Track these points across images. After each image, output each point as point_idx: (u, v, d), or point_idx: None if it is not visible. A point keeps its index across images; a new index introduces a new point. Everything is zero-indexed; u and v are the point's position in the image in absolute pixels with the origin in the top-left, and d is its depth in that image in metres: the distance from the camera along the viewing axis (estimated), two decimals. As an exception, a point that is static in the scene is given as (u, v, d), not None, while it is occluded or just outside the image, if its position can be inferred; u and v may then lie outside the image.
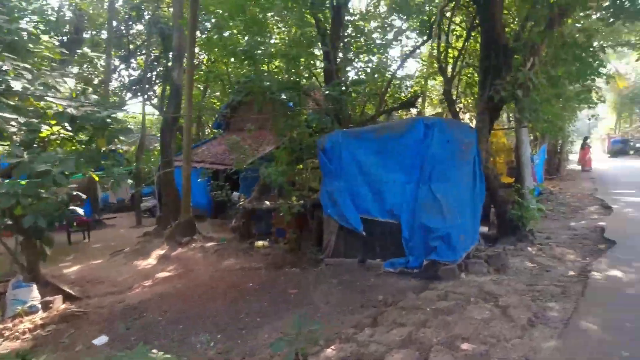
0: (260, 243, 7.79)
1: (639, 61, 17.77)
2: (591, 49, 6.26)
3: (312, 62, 7.74)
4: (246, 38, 7.34)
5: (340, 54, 7.76)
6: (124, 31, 16.19)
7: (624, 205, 8.73)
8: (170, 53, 11.08)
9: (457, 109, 7.12)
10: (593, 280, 4.22)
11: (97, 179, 5.63)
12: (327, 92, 6.19)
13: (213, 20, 7.96)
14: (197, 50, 10.71)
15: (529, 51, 5.04)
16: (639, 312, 3.44)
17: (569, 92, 6.88)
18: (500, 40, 5.23)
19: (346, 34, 7.27)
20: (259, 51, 6.46)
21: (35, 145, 4.51)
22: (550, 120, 10.13)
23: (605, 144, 34.26)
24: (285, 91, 6.23)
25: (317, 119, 6.51)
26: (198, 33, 9.25)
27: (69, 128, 4.33)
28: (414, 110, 12.84)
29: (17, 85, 3.92)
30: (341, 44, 6.96)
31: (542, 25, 4.96)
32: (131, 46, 16.62)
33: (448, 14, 7.40)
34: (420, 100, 12.88)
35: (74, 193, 5.04)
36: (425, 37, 7.32)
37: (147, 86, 16.07)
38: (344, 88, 6.55)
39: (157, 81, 16.80)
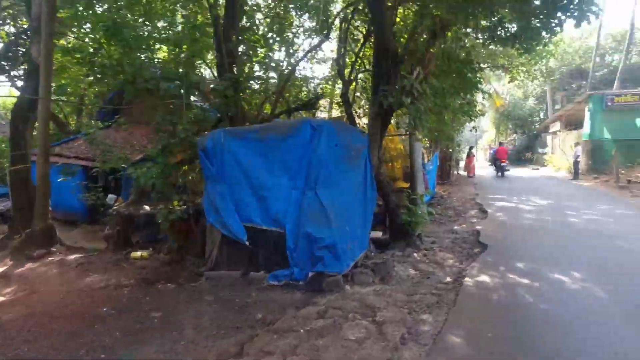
0: (138, 254, 6.71)
1: (511, 83, 20.58)
2: (471, 66, 6.73)
3: (203, 51, 6.98)
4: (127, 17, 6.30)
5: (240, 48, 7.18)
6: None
7: (496, 209, 9.74)
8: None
9: (355, 113, 7.11)
10: (465, 287, 4.34)
11: None
12: (212, 86, 5.54)
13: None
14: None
15: (416, 60, 5.14)
16: (499, 321, 3.55)
17: (453, 103, 7.32)
18: (389, 47, 5.20)
19: (241, 25, 6.68)
20: (134, 33, 5.51)
21: None
22: (439, 129, 10.92)
23: (487, 153, 39.45)
24: (166, 82, 5.40)
25: (202, 116, 5.80)
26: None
27: None
28: (324, 114, 12.79)
29: None
30: (234, 36, 6.34)
31: (427, 36, 5.11)
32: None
33: (349, 17, 7.33)
34: (327, 102, 12.93)
35: None
36: (323, 37, 7.13)
37: (9, 63, 13.24)
38: (234, 83, 5.96)
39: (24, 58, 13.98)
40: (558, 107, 26.77)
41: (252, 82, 7.23)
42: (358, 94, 8.34)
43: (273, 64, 6.75)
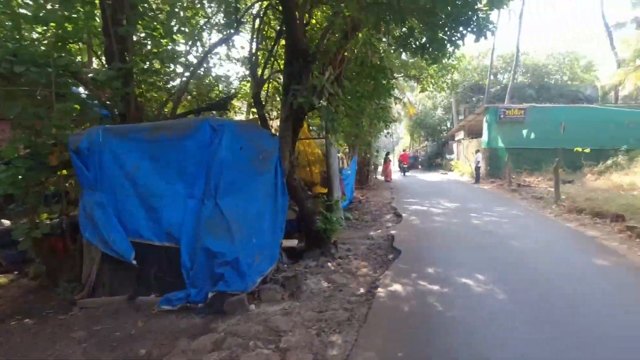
0: (-5, 280, 5.39)
1: (422, 93, 22.09)
2: (384, 72, 6.78)
3: (88, 35, 5.93)
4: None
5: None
6: None
7: (410, 213, 10.11)
8: None
9: (268, 115, 6.68)
10: (377, 299, 4.16)
11: None
12: (90, 75, 4.64)
13: None
14: None
15: (328, 61, 4.92)
16: (410, 336, 3.39)
17: (369, 108, 7.32)
18: (300, 45, 4.89)
19: (135, 8, 5.79)
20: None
21: None
22: (355, 134, 11.04)
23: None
24: (26, 65, 4.32)
25: (79, 111, 4.82)
26: None
27: None
28: (242, 116, 12.07)
29: None
30: (125, 20, 5.45)
31: (338, 35, 4.93)
32: None
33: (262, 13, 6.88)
34: (246, 104, 12.27)
35: None
36: (232, 32, 6.56)
37: None
38: (125, 75, 5.09)
39: None
40: (462, 117, 29.66)
41: (153, 76, 6.35)
42: (270, 94, 7.91)
43: (175, 57, 5.98)
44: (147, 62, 5.80)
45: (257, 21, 6.66)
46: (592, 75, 32.79)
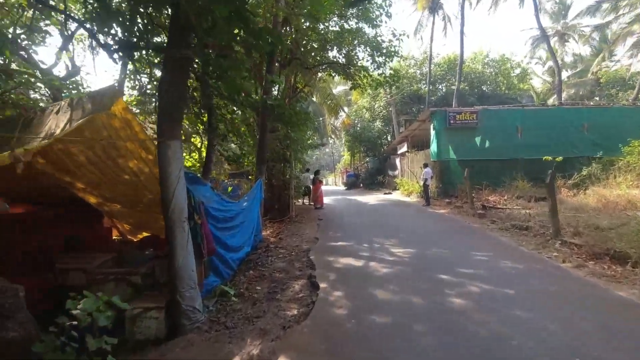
0: None
1: (356, 95, 18.29)
2: None
3: None
4: None
5: None
6: None
7: (334, 281, 5.57)
8: None
9: None
10: None
11: None
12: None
13: None
14: None
15: None
16: None
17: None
18: None
19: None
20: None
21: None
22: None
23: (343, 176, 38.52)
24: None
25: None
26: None
27: None
28: None
29: None
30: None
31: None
32: None
33: None
34: None
35: None
36: None
37: None
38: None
39: None
40: (403, 129, 26.64)
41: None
42: None
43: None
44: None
45: None
46: (528, 84, 32.07)
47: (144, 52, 5.43)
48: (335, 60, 11.30)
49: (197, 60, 5.00)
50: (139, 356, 3.56)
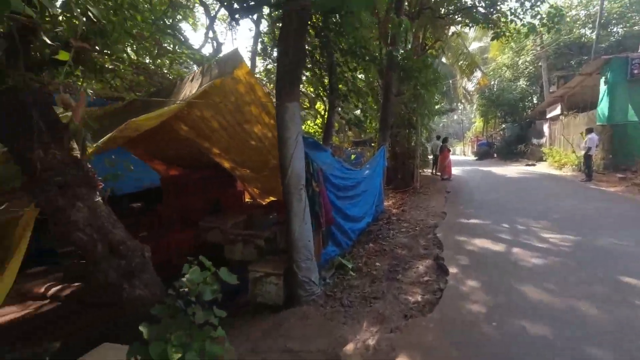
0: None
1: (497, 45, 15.63)
2: None
3: None
4: None
5: None
6: None
7: (467, 268, 4.74)
8: None
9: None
10: None
11: None
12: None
13: None
14: None
15: None
16: None
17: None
18: None
19: None
20: None
21: None
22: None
23: (474, 146, 34.72)
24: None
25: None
26: None
27: None
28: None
29: None
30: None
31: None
32: None
33: None
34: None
35: None
36: None
37: None
38: None
39: None
40: (554, 88, 21.96)
41: None
42: None
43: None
44: None
45: None
46: None
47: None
48: (473, 3, 9.53)
49: (317, 16, 4.60)
50: (258, 320, 3.60)
